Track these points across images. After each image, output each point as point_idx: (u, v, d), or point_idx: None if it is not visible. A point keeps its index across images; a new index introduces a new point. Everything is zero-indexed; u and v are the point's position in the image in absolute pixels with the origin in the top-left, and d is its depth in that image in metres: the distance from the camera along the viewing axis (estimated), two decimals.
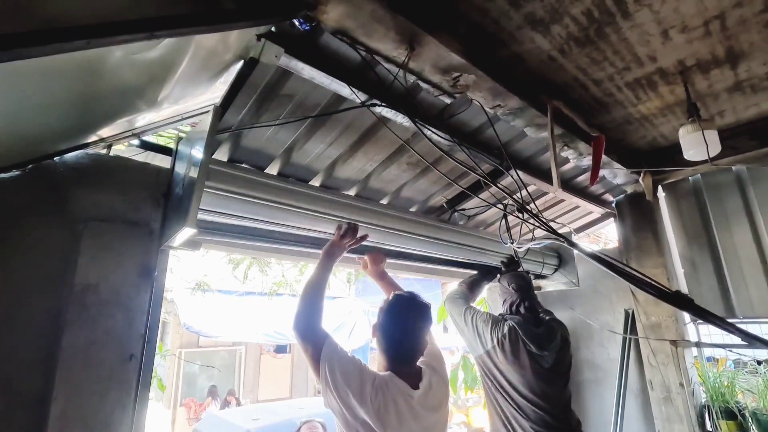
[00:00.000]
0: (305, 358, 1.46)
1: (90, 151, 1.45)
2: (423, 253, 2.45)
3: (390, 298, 1.61)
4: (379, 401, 1.33)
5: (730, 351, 2.97)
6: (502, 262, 2.72)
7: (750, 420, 2.54)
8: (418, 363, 1.56)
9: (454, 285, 2.80)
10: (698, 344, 2.89)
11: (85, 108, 1.26)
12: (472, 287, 2.68)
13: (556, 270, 3.19)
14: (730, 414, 2.59)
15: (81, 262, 1.30)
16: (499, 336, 2.17)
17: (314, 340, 1.44)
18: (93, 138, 1.45)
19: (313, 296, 1.56)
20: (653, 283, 0.93)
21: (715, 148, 1.97)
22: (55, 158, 1.35)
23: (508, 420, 2.16)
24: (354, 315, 8.28)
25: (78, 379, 1.23)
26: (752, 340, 0.83)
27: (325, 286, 1.63)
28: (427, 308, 1.60)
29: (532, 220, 1.62)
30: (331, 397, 1.36)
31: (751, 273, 2.59)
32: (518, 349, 2.15)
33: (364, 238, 1.86)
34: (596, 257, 1.12)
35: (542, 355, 2.19)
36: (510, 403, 2.15)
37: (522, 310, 2.35)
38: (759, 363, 2.82)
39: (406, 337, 1.53)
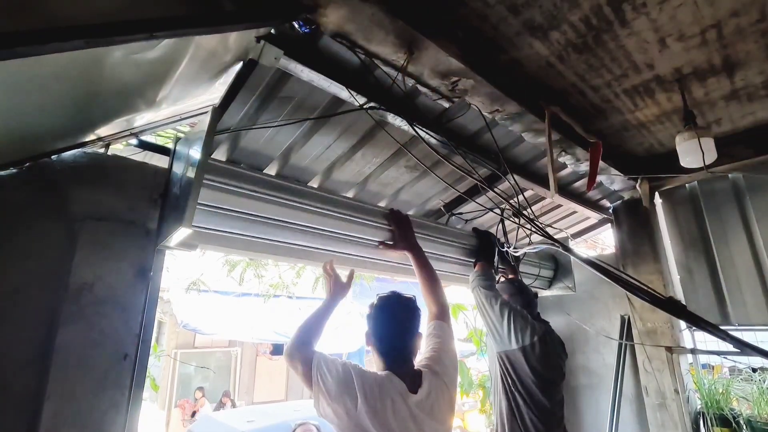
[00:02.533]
0: (298, 376, 1.43)
1: (88, 149, 1.44)
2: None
3: (373, 302, 1.61)
4: (375, 400, 1.32)
5: (726, 358, 2.98)
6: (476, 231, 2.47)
7: (744, 427, 2.54)
8: (419, 366, 1.52)
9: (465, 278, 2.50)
10: (693, 351, 2.89)
11: (84, 107, 1.26)
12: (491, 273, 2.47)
13: (554, 276, 3.19)
14: (724, 421, 2.59)
15: (77, 261, 1.30)
16: (540, 334, 2.10)
17: (303, 354, 1.43)
18: (91, 137, 1.45)
19: (311, 331, 1.52)
20: (647, 289, 0.94)
21: (711, 155, 1.98)
22: (52, 157, 1.35)
23: (525, 425, 2.07)
24: (351, 318, 8.27)
25: (72, 378, 1.22)
26: (744, 347, 0.83)
27: (324, 325, 1.58)
28: (411, 303, 1.59)
29: (528, 225, 1.63)
30: (325, 402, 1.34)
31: (746, 280, 2.60)
32: (552, 351, 2.14)
33: (351, 275, 1.76)
34: (591, 263, 1.13)
35: (564, 359, 2.22)
36: (530, 406, 2.08)
37: (537, 315, 2.33)
38: (754, 370, 2.83)
39: (394, 336, 1.52)
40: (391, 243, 1.93)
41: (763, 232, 2.56)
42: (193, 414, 8.28)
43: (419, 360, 1.56)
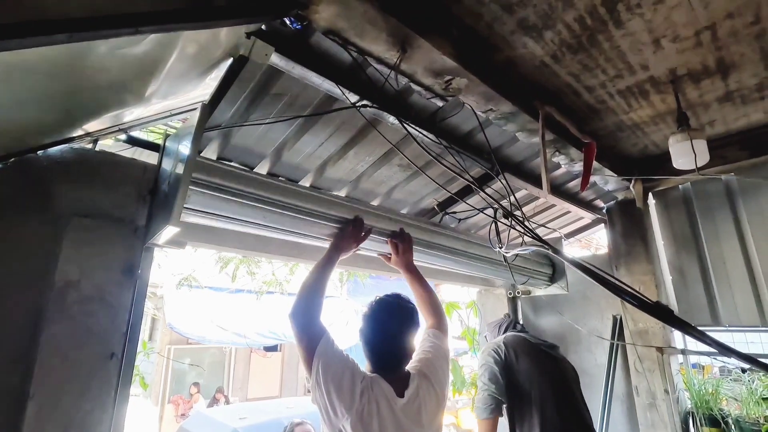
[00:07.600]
0: (299, 350, 1.43)
1: (75, 145, 1.42)
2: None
3: (373, 302, 1.57)
4: (363, 404, 1.31)
5: (716, 359, 3.00)
6: None
7: (733, 427, 2.56)
8: (408, 368, 1.50)
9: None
10: (684, 351, 2.91)
11: (71, 102, 1.24)
12: None
13: (551, 276, 3.18)
14: (713, 421, 2.61)
15: (63, 258, 1.28)
16: (503, 355, 2.13)
17: (312, 333, 1.41)
18: (79, 132, 1.42)
19: (315, 288, 1.52)
20: (634, 293, 0.94)
21: (704, 157, 1.98)
22: (38, 152, 1.33)
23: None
24: (345, 314, 8.26)
25: (57, 377, 1.21)
26: (726, 352, 0.83)
27: (327, 279, 1.58)
28: (412, 311, 1.57)
29: (519, 227, 1.62)
30: (319, 394, 1.35)
31: (737, 282, 2.62)
32: (529, 352, 2.15)
33: (368, 233, 1.80)
34: (579, 265, 1.12)
35: (553, 348, 2.24)
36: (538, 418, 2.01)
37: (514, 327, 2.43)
38: (744, 371, 2.85)
39: (388, 344, 1.50)
40: (389, 256, 1.92)
41: (754, 234, 2.57)
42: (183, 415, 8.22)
43: (411, 363, 1.55)
